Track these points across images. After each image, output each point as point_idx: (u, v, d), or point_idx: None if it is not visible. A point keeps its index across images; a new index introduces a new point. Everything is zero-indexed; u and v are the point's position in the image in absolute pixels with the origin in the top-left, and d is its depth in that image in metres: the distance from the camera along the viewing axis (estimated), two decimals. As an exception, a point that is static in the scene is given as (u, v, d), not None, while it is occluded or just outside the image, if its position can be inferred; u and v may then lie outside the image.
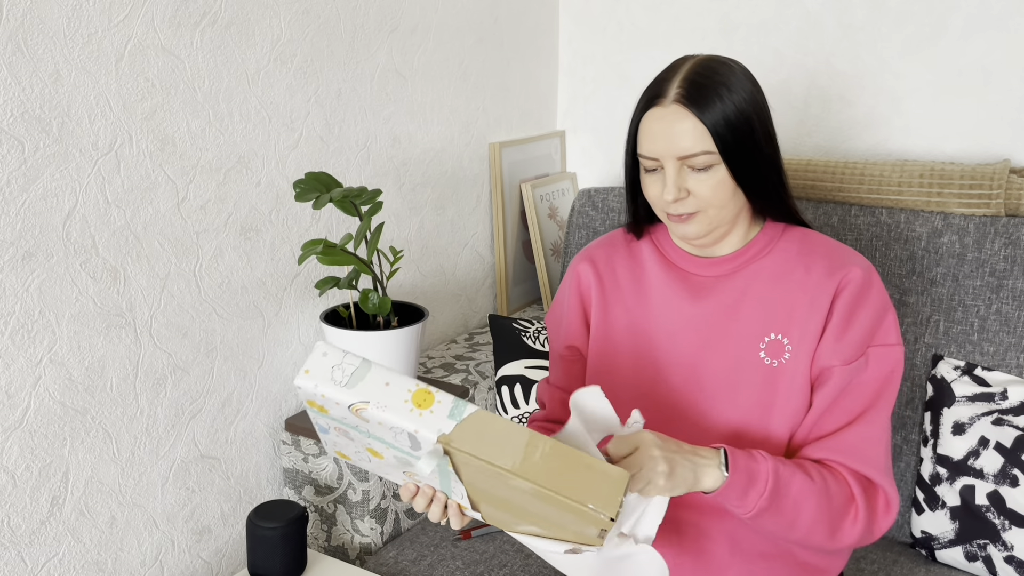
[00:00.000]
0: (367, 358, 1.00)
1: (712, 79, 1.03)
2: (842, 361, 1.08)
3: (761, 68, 1.86)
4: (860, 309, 1.09)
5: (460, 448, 0.85)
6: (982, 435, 1.36)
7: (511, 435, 0.86)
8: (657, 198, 1.08)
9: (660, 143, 1.04)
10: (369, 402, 0.86)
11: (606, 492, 0.84)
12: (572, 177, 2.18)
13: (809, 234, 1.16)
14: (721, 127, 1.02)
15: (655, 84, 1.07)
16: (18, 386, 1.17)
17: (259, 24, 1.40)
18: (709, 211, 1.06)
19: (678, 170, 1.05)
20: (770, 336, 1.11)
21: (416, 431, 0.86)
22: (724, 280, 1.14)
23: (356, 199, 1.38)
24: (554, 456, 0.85)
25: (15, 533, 1.19)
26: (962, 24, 1.64)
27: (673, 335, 1.15)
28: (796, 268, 1.12)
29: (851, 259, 1.11)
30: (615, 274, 1.21)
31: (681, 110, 1.03)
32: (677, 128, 1.03)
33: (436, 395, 0.87)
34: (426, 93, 1.77)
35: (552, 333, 1.29)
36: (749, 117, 1.04)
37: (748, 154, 1.04)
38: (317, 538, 1.55)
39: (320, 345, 0.90)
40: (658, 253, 1.19)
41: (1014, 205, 1.44)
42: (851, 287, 1.09)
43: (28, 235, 1.15)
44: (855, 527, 1.06)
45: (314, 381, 0.87)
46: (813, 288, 1.10)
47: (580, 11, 2.09)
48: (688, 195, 1.05)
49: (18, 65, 1.10)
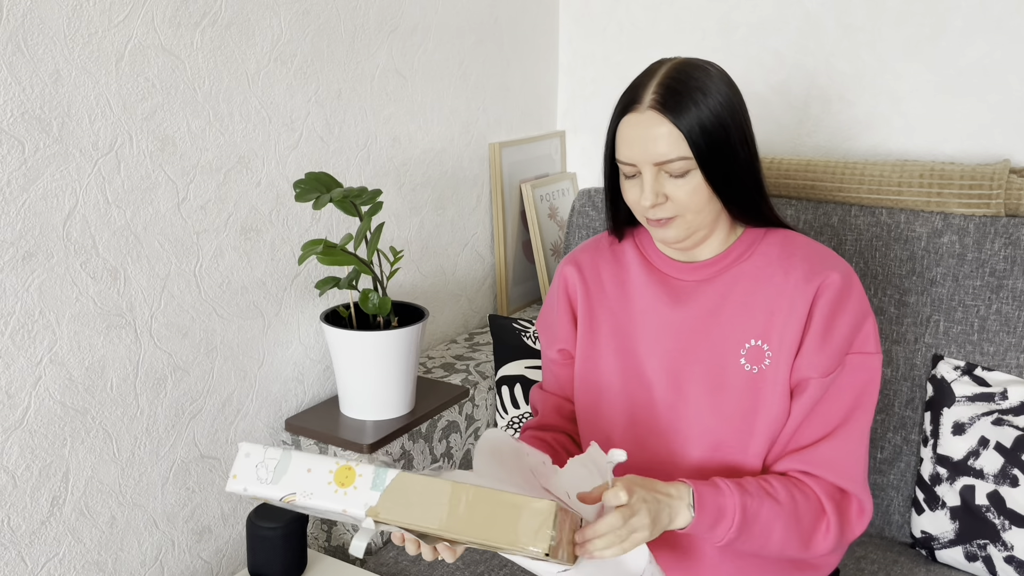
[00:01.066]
0: (287, 447, 1.03)
1: (687, 84, 1.03)
2: (821, 373, 1.08)
3: (761, 68, 1.86)
4: (839, 317, 1.08)
5: (388, 519, 0.87)
6: (982, 435, 1.36)
7: (434, 492, 0.87)
8: (636, 203, 1.09)
9: (636, 149, 1.04)
10: (295, 493, 0.90)
11: (535, 527, 0.84)
12: (572, 177, 2.18)
13: (790, 236, 1.15)
14: (696, 133, 1.02)
15: (631, 89, 1.07)
16: (18, 386, 1.17)
17: (259, 24, 1.40)
18: (687, 216, 1.06)
19: (655, 176, 1.05)
20: (750, 343, 1.10)
21: (344, 510, 0.89)
22: (705, 285, 1.14)
23: (356, 199, 1.38)
24: (478, 503, 0.86)
25: (15, 533, 1.19)
26: (962, 24, 1.64)
27: (655, 340, 1.15)
28: (776, 272, 1.11)
29: (830, 263, 1.10)
30: (600, 278, 1.21)
31: (656, 116, 1.03)
32: (653, 134, 1.03)
33: (357, 469, 0.90)
34: (426, 93, 1.77)
35: (543, 338, 1.29)
36: (724, 122, 1.04)
37: (724, 159, 1.04)
38: (317, 538, 1.55)
39: (243, 446, 0.94)
40: (641, 257, 1.20)
41: (1014, 205, 1.44)
42: (829, 293, 1.08)
43: (28, 235, 1.15)
44: (827, 537, 1.07)
45: (242, 484, 0.92)
46: (792, 292, 1.09)
47: (580, 11, 2.09)
48: (666, 200, 1.06)
49: (18, 65, 1.10)
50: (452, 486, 0.87)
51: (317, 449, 1.49)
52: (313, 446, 1.49)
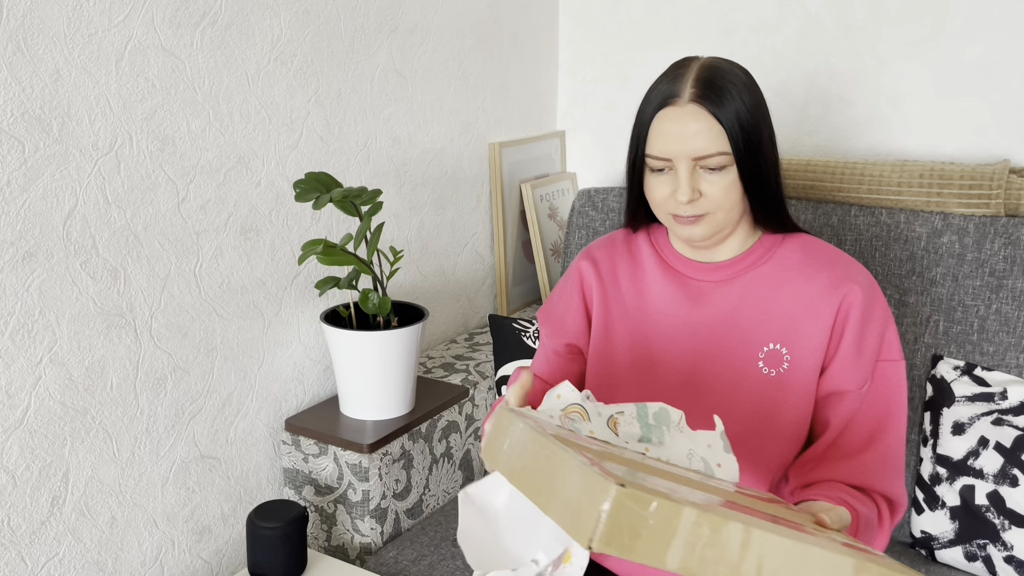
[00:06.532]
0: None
1: (725, 79, 1.04)
2: (858, 384, 1.09)
3: (761, 68, 1.86)
4: (868, 327, 1.09)
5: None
6: (982, 435, 1.36)
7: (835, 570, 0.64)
8: (664, 200, 1.08)
9: (674, 143, 1.04)
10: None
11: None
12: (572, 177, 2.18)
13: (809, 242, 1.15)
14: (736, 128, 1.02)
15: (667, 84, 1.06)
16: (18, 386, 1.17)
17: (259, 24, 1.40)
18: (718, 214, 1.06)
19: (692, 171, 1.04)
20: (769, 346, 1.10)
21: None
22: (723, 286, 1.14)
23: (356, 199, 1.38)
24: None
25: (15, 533, 1.19)
26: (962, 24, 1.64)
27: (671, 340, 1.15)
28: (796, 277, 1.11)
29: (853, 274, 1.10)
30: (616, 275, 1.21)
31: (698, 109, 1.02)
32: (693, 128, 1.02)
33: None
34: (426, 93, 1.77)
35: (547, 328, 1.26)
36: (757, 119, 1.05)
37: (758, 156, 1.05)
38: (317, 538, 1.55)
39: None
40: (657, 256, 1.19)
41: (1014, 205, 1.44)
42: (856, 308, 1.08)
43: (28, 235, 1.15)
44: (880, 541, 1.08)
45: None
46: (813, 299, 1.09)
47: (580, 11, 2.09)
48: (700, 196, 1.05)
49: (18, 65, 1.10)
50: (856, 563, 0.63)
51: (317, 450, 1.49)
52: (313, 446, 1.49)
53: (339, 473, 1.47)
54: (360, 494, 1.46)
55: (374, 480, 1.46)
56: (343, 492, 1.48)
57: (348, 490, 1.47)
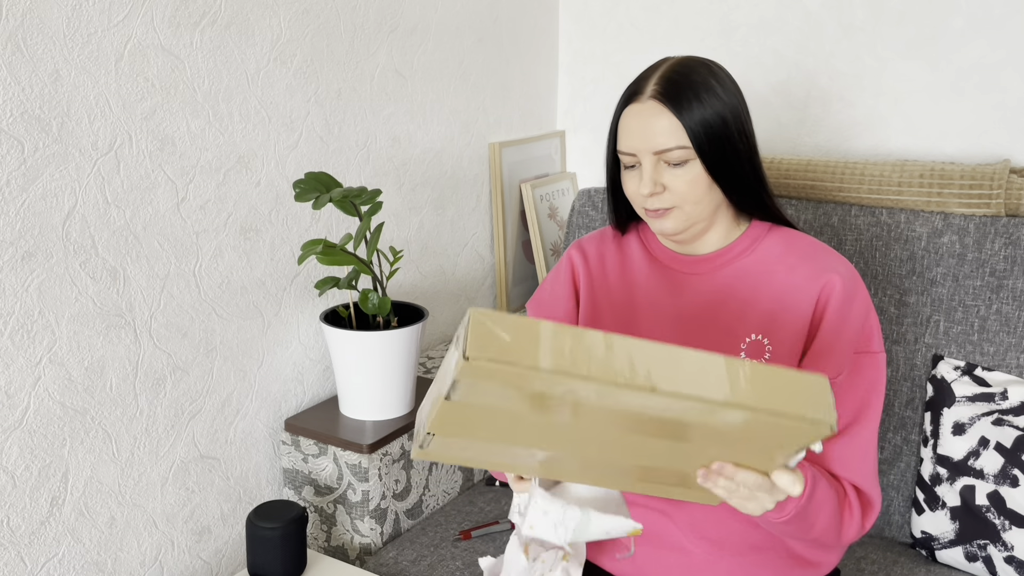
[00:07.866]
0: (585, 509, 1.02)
1: (689, 77, 1.06)
2: (834, 373, 1.09)
3: (761, 68, 1.86)
4: (846, 317, 1.10)
5: (667, 389, 0.76)
6: (982, 435, 1.36)
7: (708, 365, 0.77)
8: (635, 193, 1.11)
9: (637, 138, 1.07)
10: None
11: (817, 398, 0.78)
12: (572, 177, 2.18)
13: (794, 235, 1.17)
14: (695, 123, 1.05)
15: (634, 82, 1.11)
16: (18, 386, 1.17)
17: (259, 24, 1.40)
18: (685, 207, 1.08)
19: (654, 165, 1.07)
20: (751, 337, 1.12)
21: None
22: (707, 277, 1.16)
23: (356, 199, 1.38)
24: (757, 377, 0.78)
25: (15, 533, 1.19)
26: (962, 24, 1.64)
27: (655, 331, 1.17)
28: (779, 269, 1.13)
29: (833, 264, 1.12)
30: (604, 267, 1.23)
31: (657, 106, 1.06)
32: (653, 123, 1.06)
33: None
34: (426, 93, 1.77)
35: (535, 315, 1.28)
36: (723, 115, 1.06)
37: (722, 150, 1.06)
38: (317, 538, 1.55)
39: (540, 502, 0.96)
40: (644, 250, 1.22)
41: (1014, 205, 1.44)
42: (835, 297, 1.09)
43: (28, 235, 1.15)
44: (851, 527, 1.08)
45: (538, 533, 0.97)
46: (795, 290, 1.11)
47: (580, 11, 2.09)
48: (664, 190, 1.08)
49: (18, 65, 1.10)
50: (726, 360, 0.77)
51: (317, 450, 1.49)
52: (313, 446, 1.49)
53: (339, 473, 1.47)
54: (360, 494, 1.46)
55: (374, 480, 1.46)
56: (343, 492, 1.48)
57: (348, 490, 1.47)
